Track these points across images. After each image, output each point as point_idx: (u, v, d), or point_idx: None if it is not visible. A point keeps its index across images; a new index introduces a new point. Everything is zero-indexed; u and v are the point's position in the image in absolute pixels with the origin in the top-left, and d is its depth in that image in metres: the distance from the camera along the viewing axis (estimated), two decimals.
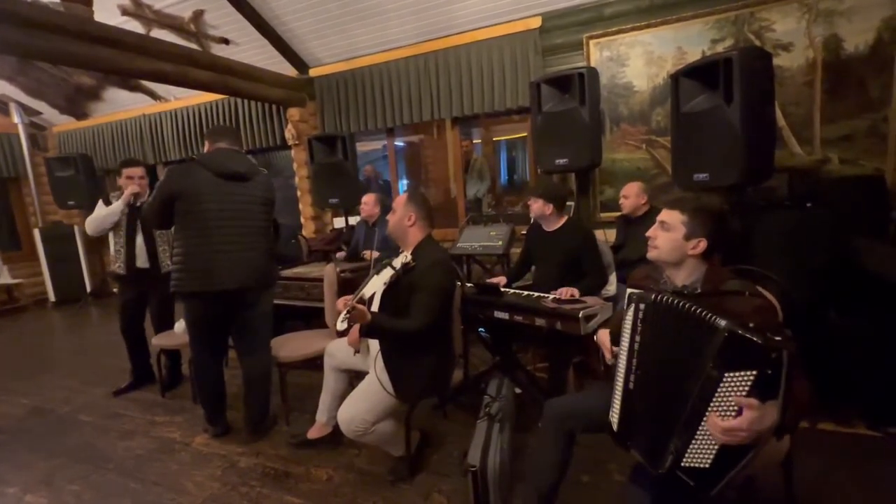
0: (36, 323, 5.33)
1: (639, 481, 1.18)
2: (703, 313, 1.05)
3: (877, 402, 2.07)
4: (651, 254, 1.33)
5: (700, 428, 1.04)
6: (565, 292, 2.18)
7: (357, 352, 2.06)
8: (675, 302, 1.12)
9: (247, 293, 2.23)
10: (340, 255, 3.64)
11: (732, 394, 0.98)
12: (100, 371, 3.42)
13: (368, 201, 3.47)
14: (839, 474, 1.82)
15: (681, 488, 1.12)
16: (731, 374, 0.98)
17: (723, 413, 1.00)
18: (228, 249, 2.16)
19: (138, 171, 2.93)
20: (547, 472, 1.47)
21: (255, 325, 2.32)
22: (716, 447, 1.02)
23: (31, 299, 6.01)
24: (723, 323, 1.00)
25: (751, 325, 0.99)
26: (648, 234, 1.34)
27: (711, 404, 1.01)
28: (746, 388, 0.96)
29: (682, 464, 1.07)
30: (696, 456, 1.05)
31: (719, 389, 1.00)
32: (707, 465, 1.04)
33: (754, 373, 0.96)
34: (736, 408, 0.98)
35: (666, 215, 1.31)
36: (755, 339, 0.96)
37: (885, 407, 2.05)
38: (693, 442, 1.05)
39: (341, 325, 1.67)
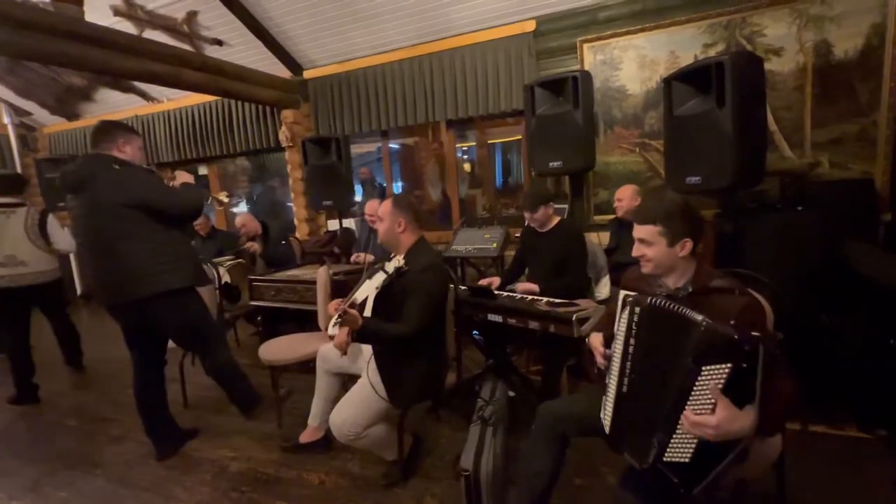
0: None
1: (629, 485, 1.18)
2: (683, 309, 1.07)
3: (868, 404, 2.09)
4: (646, 269, 1.34)
5: (680, 422, 1.06)
6: (525, 288, 2.30)
7: (344, 353, 2.04)
8: (670, 305, 1.13)
9: (128, 308, 2.03)
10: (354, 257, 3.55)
11: (709, 387, 1.00)
12: (88, 375, 3.38)
13: (373, 209, 3.40)
14: (831, 476, 1.82)
15: (670, 492, 1.12)
16: (708, 368, 1.01)
17: (700, 407, 1.02)
18: (89, 266, 2.06)
19: None
20: (540, 475, 1.46)
21: (175, 336, 2.16)
22: (694, 442, 1.04)
23: None
24: (699, 317, 1.03)
25: (731, 322, 1.01)
26: (635, 254, 1.35)
27: (690, 398, 1.03)
28: (722, 382, 0.99)
29: (665, 458, 1.09)
30: (677, 450, 1.08)
31: (697, 383, 1.02)
32: (687, 460, 1.06)
33: (729, 366, 0.98)
34: (712, 402, 1.00)
35: (642, 232, 1.31)
36: (730, 332, 0.98)
37: (876, 409, 2.06)
38: (674, 436, 1.08)
39: (333, 330, 1.66)
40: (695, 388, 1.02)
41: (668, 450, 1.08)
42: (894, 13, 2.73)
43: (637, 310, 1.19)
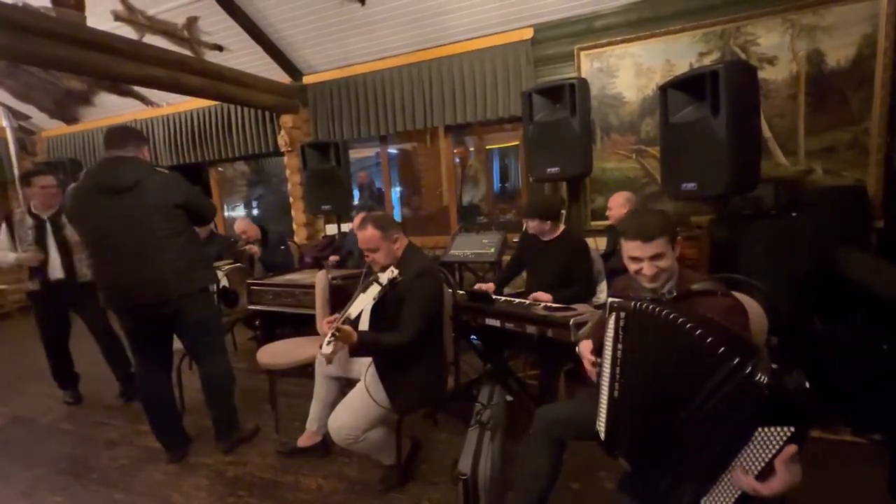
0: (19, 330, 5.22)
1: (627, 489, 1.19)
2: (723, 351, 0.97)
3: (861, 408, 2.10)
4: (660, 281, 1.31)
5: (723, 476, 0.98)
6: (539, 297, 2.26)
7: (329, 363, 2.03)
8: (656, 310, 1.12)
9: (161, 306, 2.07)
10: (333, 259, 3.62)
11: (763, 448, 0.92)
12: (83, 379, 3.35)
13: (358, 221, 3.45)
14: (825, 481, 1.83)
15: (669, 497, 1.12)
16: (765, 429, 0.91)
17: (750, 465, 0.94)
18: (122, 267, 2.04)
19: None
20: (537, 479, 1.47)
21: (190, 335, 2.20)
22: (738, 494, 0.97)
23: (15, 306, 5.88)
24: (765, 380, 0.91)
25: (774, 366, 0.93)
26: (649, 273, 1.31)
27: (739, 456, 0.95)
28: (781, 443, 0.90)
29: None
30: (716, 501, 1.01)
31: (750, 443, 0.93)
32: None
33: (792, 429, 0.89)
34: (764, 462, 0.91)
35: (655, 248, 1.28)
36: (802, 399, 0.89)
37: (870, 414, 2.08)
38: (714, 488, 1.01)
39: (327, 349, 1.65)
40: (746, 447, 0.94)
41: (704, 499, 1.01)
42: (885, 24, 2.79)
43: (622, 314, 1.20)
